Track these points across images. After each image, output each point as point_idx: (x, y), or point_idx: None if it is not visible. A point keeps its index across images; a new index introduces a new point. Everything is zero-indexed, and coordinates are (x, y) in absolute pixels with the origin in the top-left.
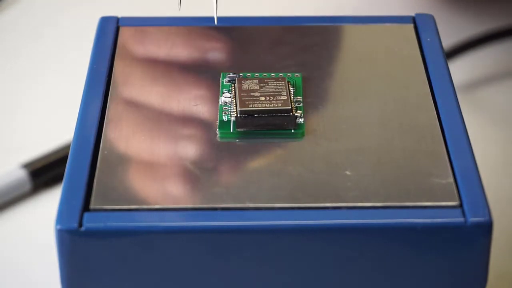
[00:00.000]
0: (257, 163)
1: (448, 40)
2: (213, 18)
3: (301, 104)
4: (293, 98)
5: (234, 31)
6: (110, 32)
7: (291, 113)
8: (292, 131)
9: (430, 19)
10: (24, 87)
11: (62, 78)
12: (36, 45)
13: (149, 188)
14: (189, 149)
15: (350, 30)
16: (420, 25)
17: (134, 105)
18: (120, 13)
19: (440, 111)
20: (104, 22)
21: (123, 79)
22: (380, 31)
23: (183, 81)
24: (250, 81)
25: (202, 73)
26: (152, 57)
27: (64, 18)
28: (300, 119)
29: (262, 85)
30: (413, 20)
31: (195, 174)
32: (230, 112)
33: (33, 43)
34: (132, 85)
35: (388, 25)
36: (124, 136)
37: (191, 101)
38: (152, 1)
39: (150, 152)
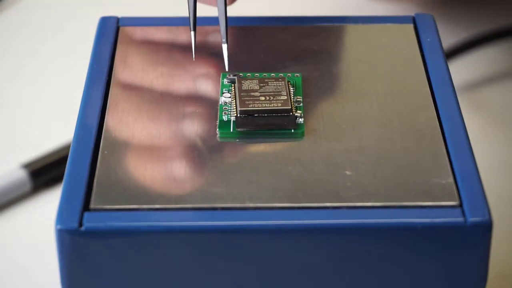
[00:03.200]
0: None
1: (448, 40)
2: (212, 18)
3: (301, 104)
4: (293, 98)
5: (234, 30)
6: (110, 32)
7: (291, 113)
8: (292, 131)
9: (430, 19)
10: (24, 87)
11: (62, 78)
12: (36, 45)
13: (149, 188)
14: (189, 149)
15: (350, 30)
16: (420, 25)
17: (134, 105)
18: (120, 13)
19: (440, 111)
20: (104, 22)
21: (122, 78)
22: (380, 31)
23: (183, 81)
24: (250, 81)
25: (202, 73)
26: (151, 57)
27: (64, 18)
28: (300, 119)
29: (262, 85)
30: (413, 20)
31: (195, 173)
32: (230, 112)
33: (33, 43)
34: (132, 84)
35: (388, 25)
36: (124, 137)
37: (191, 102)
38: (152, 1)
39: (150, 152)
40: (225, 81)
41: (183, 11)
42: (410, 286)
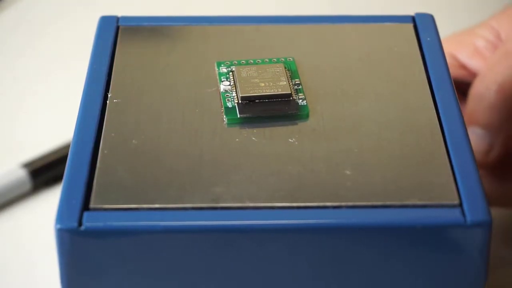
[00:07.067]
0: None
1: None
2: (212, 17)
3: (300, 87)
4: (291, 82)
5: (234, 30)
6: (110, 31)
7: (291, 98)
8: (297, 113)
9: (430, 18)
10: (24, 87)
11: (62, 77)
12: (36, 45)
13: (149, 187)
14: (190, 148)
15: (350, 30)
16: (420, 24)
17: (134, 104)
18: (120, 13)
19: (440, 111)
20: (104, 21)
21: (122, 78)
22: (380, 30)
23: (182, 78)
24: (249, 68)
25: (199, 66)
26: (151, 56)
27: (64, 18)
28: (303, 102)
29: (260, 71)
30: (413, 19)
31: (195, 171)
32: (232, 99)
33: (33, 43)
34: (132, 84)
35: (388, 24)
36: (124, 136)
37: (190, 97)
38: (152, 1)
39: (150, 150)
40: (221, 69)
41: (183, 11)
42: (410, 286)
